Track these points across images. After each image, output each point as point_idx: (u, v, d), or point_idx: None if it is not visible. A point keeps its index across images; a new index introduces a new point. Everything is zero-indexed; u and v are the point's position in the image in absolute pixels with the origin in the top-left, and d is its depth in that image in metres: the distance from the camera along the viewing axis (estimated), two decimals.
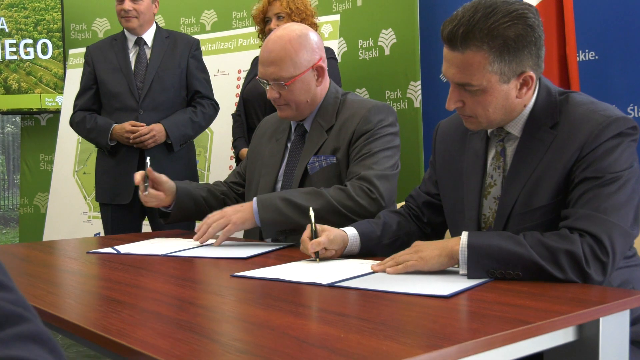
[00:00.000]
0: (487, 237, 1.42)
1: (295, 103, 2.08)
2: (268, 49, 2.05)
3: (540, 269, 1.35)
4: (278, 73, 2.03)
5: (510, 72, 1.48)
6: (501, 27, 1.44)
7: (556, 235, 1.39)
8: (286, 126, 2.23)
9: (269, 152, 2.23)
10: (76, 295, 1.40)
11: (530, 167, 1.52)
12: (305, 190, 1.98)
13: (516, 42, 1.45)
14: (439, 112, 3.92)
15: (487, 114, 1.53)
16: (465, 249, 1.40)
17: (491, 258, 1.38)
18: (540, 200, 1.50)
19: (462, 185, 1.69)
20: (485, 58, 1.45)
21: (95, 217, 4.42)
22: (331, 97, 2.15)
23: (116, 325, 1.07)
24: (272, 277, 1.44)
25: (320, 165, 2.06)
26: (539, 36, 1.49)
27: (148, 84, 3.17)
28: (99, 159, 3.28)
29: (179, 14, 4.99)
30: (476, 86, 1.48)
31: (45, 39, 5.08)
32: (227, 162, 4.15)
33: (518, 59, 1.47)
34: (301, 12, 3.13)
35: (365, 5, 4.19)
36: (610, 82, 3.09)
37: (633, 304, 1.22)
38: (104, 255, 1.86)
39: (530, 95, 1.55)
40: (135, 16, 3.18)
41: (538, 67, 1.52)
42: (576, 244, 1.35)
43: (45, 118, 5.32)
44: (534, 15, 1.48)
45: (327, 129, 2.10)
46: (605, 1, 3.10)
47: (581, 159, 1.46)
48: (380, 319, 1.07)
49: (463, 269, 1.40)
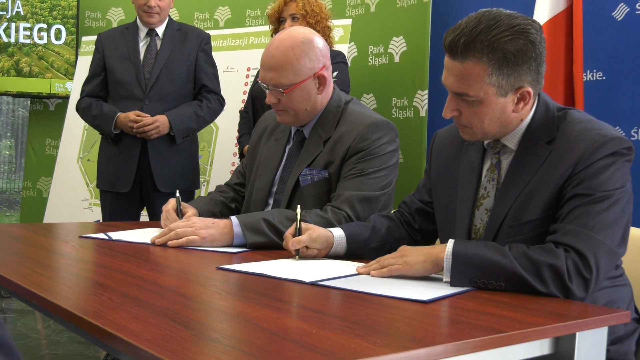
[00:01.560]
0: (473, 246, 1.43)
1: (294, 110, 2.04)
2: (269, 54, 2.01)
3: (523, 281, 1.35)
4: (277, 79, 1.98)
5: (508, 85, 1.48)
6: (502, 41, 1.44)
7: (541, 249, 1.39)
8: (286, 126, 2.20)
9: (267, 151, 2.21)
10: (61, 277, 1.42)
11: (524, 181, 1.52)
12: (290, 216, 1.90)
13: (516, 56, 1.45)
14: (445, 122, 3.91)
15: (483, 125, 1.53)
16: (450, 256, 1.41)
17: (475, 267, 1.38)
18: (530, 215, 1.50)
19: (455, 195, 1.69)
20: (484, 70, 1.46)
21: (96, 204, 4.44)
22: (333, 105, 2.10)
23: (94, 307, 1.08)
24: (257, 271, 1.45)
25: (312, 179, 2.03)
26: (540, 53, 1.49)
27: (156, 74, 3.18)
28: (102, 146, 3.30)
29: (193, 9, 5.02)
30: (473, 97, 1.49)
31: (59, 24, 5.11)
32: (230, 158, 4.16)
33: (517, 73, 1.47)
34: (316, 14, 3.14)
35: (378, 12, 4.20)
36: (615, 103, 3.08)
37: (611, 322, 1.22)
38: (96, 241, 1.87)
39: (527, 110, 1.55)
40: (158, 12, 3.21)
41: (537, 83, 1.52)
42: (560, 259, 1.35)
43: (54, 103, 5.35)
44: (536, 31, 1.48)
45: (325, 140, 2.06)
46: (615, 22, 3.10)
47: (574, 175, 1.46)
48: (356, 319, 1.07)
49: (446, 277, 1.41)
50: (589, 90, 3.06)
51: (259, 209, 2.12)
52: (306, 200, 2.02)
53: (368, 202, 1.96)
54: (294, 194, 2.05)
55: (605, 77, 3.13)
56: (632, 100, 3.03)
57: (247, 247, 1.84)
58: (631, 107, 3.03)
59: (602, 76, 3.14)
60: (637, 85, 3.01)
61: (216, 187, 2.38)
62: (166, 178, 3.15)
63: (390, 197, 2.11)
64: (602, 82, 3.14)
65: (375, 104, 4.19)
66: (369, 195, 1.96)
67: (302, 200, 2.03)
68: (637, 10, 3.01)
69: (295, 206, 1.99)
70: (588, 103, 2.92)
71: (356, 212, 1.93)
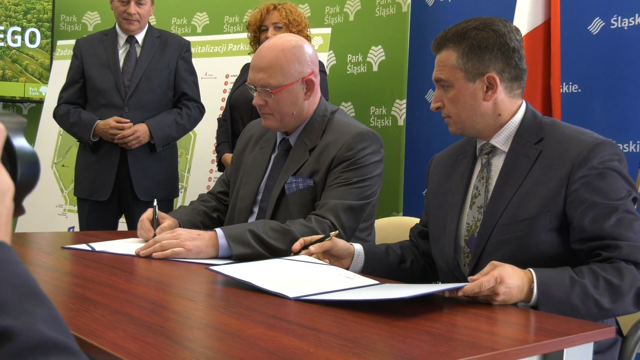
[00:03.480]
0: (556, 285, 1.41)
1: (280, 114, 2.05)
2: (260, 55, 2.04)
3: (602, 309, 1.42)
4: (266, 80, 2.01)
5: (474, 70, 1.62)
6: (470, 31, 1.62)
7: (616, 270, 1.43)
8: (272, 135, 2.20)
9: (252, 160, 2.21)
10: (49, 292, 1.39)
11: (517, 181, 1.60)
12: (275, 227, 1.90)
13: (481, 44, 1.61)
14: (422, 131, 3.97)
15: (458, 112, 1.65)
16: (535, 299, 1.40)
17: (559, 311, 1.39)
18: (527, 213, 1.56)
19: (446, 204, 1.75)
20: (453, 55, 1.63)
21: (71, 210, 4.39)
22: (319, 114, 2.12)
23: (88, 325, 1.07)
24: (245, 278, 1.43)
25: (297, 187, 2.04)
26: (506, 43, 1.62)
27: (135, 82, 3.16)
28: (80, 154, 3.27)
29: (171, 14, 4.99)
30: (446, 81, 1.64)
31: (34, 28, 5.05)
32: (208, 165, 4.15)
33: (482, 59, 1.61)
34: (298, 23, 3.16)
35: (357, 21, 4.23)
36: (592, 115, 3.15)
37: (597, 337, 1.25)
38: (78, 252, 1.85)
39: (506, 102, 1.65)
40: (138, 20, 3.19)
41: (505, 72, 1.63)
42: (637, 275, 1.43)
43: (28, 107, 5.27)
44: (504, 26, 1.64)
45: (311, 149, 2.07)
46: (590, 36, 3.16)
47: (577, 180, 1.52)
48: (350, 336, 1.08)
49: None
50: (566, 102, 3.12)
51: (243, 217, 2.12)
52: (291, 208, 2.02)
53: (352, 211, 1.98)
54: (279, 202, 2.06)
55: (581, 90, 3.19)
56: (608, 112, 3.09)
57: (233, 259, 1.83)
58: (606, 119, 3.09)
59: (578, 88, 3.20)
60: (612, 98, 3.08)
61: (199, 196, 2.37)
62: (146, 187, 3.13)
63: (374, 207, 2.13)
64: (578, 95, 3.20)
65: (354, 112, 4.21)
66: (353, 205, 1.98)
67: (287, 209, 2.04)
68: (612, 24, 3.08)
69: (281, 214, 2.01)
70: (565, 114, 2.98)
71: (340, 221, 1.94)
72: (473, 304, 1.38)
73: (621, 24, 3.05)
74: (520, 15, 3.00)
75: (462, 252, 1.68)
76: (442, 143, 3.84)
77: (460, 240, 1.69)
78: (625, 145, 3.00)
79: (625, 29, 3.04)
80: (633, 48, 3.00)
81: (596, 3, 3.14)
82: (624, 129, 3.02)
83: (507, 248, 1.57)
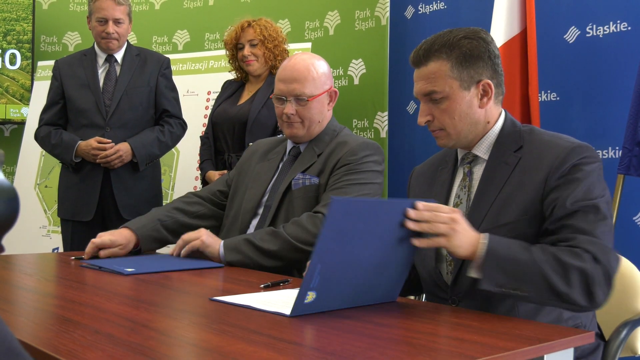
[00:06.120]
0: (506, 245, 1.45)
1: (309, 121, 2.20)
2: (292, 67, 2.20)
3: (549, 284, 1.40)
4: (301, 89, 2.17)
5: (469, 78, 1.62)
6: (456, 40, 1.63)
7: (570, 252, 1.44)
8: (281, 149, 2.33)
9: (260, 168, 2.31)
10: (29, 313, 1.39)
11: (497, 187, 1.61)
12: (265, 231, 2.05)
13: (472, 52, 1.62)
14: (405, 143, 3.99)
15: (454, 122, 1.64)
16: (483, 255, 1.43)
17: (505, 273, 1.42)
18: (507, 217, 1.57)
19: None
20: (445, 65, 1.62)
21: (55, 231, 4.36)
22: (330, 128, 2.27)
23: (67, 346, 1.07)
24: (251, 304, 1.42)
25: (304, 183, 2.15)
26: (492, 51, 1.65)
27: (116, 101, 3.16)
28: (63, 175, 3.25)
29: (151, 32, 5.00)
30: (440, 92, 1.63)
31: (14, 49, 5.03)
32: (192, 182, 4.14)
33: (475, 66, 1.63)
34: (274, 38, 3.18)
35: (337, 35, 4.26)
36: (570, 122, 3.18)
37: (577, 343, 1.26)
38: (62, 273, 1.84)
39: (494, 112, 1.67)
40: (116, 38, 3.19)
41: (494, 79, 1.66)
42: (589, 264, 1.41)
43: (9, 129, 5.25)
44: (486, 34, 1.67)
45: (319, 154, 2.20)
46: (567, 44, 3.20)
47: (553, 181, 1.53)
48: (331, 349, 1.08)
49: (477, 274, 1.44)
50: (545, 110, 3.15)
51: (247, 217, 2.22)
52: (295, 203, 2.13)
53: None
54: (283, 198, 2.16)
55: (559, 98, 3.23)
56: (586, 119, 3.13)
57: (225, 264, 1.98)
58: (585, 126, 3.13)
59: (556, 96, 3.24)
60: (590, 104, 3.12)
61: (186, 194, 2.41)
62: (130, 205, 3.11)
63: None
64: (557, 102, 3.23)
65: None
66: None
67: (291, 203, 2.15)
68: (588, 33, 3.13)
69: (284, 209, 2.13)
70: (544, 122, 3.01)
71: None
72: (454, 313, 1.39)
73: (596, 32, 3.10)
74: (497, 25, 3.04)
75: (445, 260, 1.68)
76: (424, 154, 3.86)
77: (442, 249, 1.69)
78: (605, 152, 3.04)
79: (600, 37, 3.08)
80: (608, 55, 3.05)
81: (571, 12, 3.19)
82: (602, 135, 3.05)
83: None
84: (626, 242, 2.80)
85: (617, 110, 2.97)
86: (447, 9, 3.79)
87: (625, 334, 1.65)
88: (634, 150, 2.58)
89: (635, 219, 2.93)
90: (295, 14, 4.49)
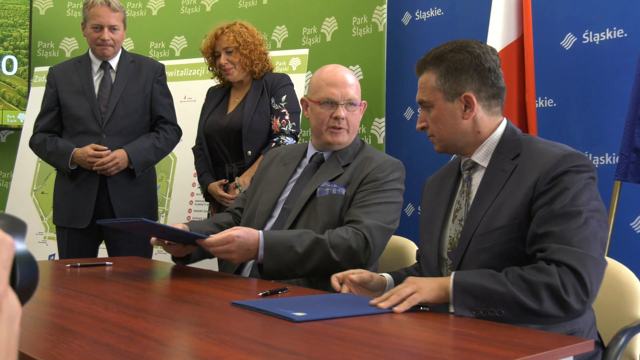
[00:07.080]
0: (471, 276, 1.51)
1: (354, 128, 2.27)
2: (344, 74, 2.25)
3: (520, 304, 1.44)
4: (354, 95, 2.24)
5: (452, 91, 1.70)
6: (445, 54, 1.71)
7: (534, 269, 1.48)
8: (298, 154, 2.35)
9: (276, 172, 2.34)
10: (26, 323, 1.38)
11: (493, 193, 1.65)
12: (309, 240, 2.02)
13: (456, 65, 1.70)
14: (402, 149, 3.99)
15: (439, 130, 1.74)
16: (451, 286, 1.49)
17: (474, 297, 1.47)
18: (498, 222, 1.61)
19: (433, 220, 1.81)
20: (432, 77, 1.72)
21: (51, 238, 4.35)
22: (354, 141, 2.30)
23: (66, 357, 1.06)
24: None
25: (330, 192, 2.16)
26: (481, 64, 1.69)
27: (112, 108, 3.15)
28: (58, 182, 3.24)
29: (148, 39, 5.00)
30: (428, 102, 1.74)
31: (11, 55, 5.03)
32: (189, 189, 4.13)
33: (459, 80, 1.70)
34: (249, 43, 3.14)
35: (334, 41, 4.26)
36: (567, 128, 3.19)
37: (576, 351, 1.26)
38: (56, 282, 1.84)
39: (485, 119, 1.72)
40: (112, 45, 3.18)
41: (482, 92, 1.70)
42: (554, 275, 1.44)
43: (6, 135, 5.24)
44: (479, 47, 1.71)
45: (344, 165, 2.22)
46: (563, 51, 3.21)
47: (540, 188, 1.56)
48: (331, 358, 1.08)
49: (451, 307, 1.49)
50: (542, 116, 3.16)
51: (263, 219, 2.23)
52: (318, 210, 2.14)
53: (382, 231, 2.10)
54: (307, 204, 2.17)
55: (556, 104, 3.24)
56: (583, 125, 3.14)
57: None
58: (581, 132, 3.14)
59: (553, 103, 3.25)
60: (586, 111, 3.12)
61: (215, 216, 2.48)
62: (126, 212, 3.10)
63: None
64: (554, 109, 3.24)
65: None
66: (384, 227, 2.11)
67: (314, 210, 2.15)
68: (584, 39, 3.14)
69: (305, 215, 2.15)
70: (541, 129, 3.02)
71: (373, 239, 2.05)
72: (453, 321, 1.39)
73: (593, 38, 3.11)
74: (493, 32, 3.04)
75: (445, 264, 1.75)
76: (421, 160, 3.88)
77: (443, 253, 1.76)
78: (602, 158, 3.04)
79: (597, 44, 3.09)
80: (605, 62, 3.06)
81: (568, 19, 3.20)
82: (599, 141, 3.06)
83: (483, 257, 1.62)
84: (623, 248, 2.80)
85: (614, 117, 2.97)
86: (444, 15, 3.79)
87: (624, 341, 1.65)
88: (631, 157, 2.58)
89: (632, 225, 2.93)
90: (293, 20, 4.49)
